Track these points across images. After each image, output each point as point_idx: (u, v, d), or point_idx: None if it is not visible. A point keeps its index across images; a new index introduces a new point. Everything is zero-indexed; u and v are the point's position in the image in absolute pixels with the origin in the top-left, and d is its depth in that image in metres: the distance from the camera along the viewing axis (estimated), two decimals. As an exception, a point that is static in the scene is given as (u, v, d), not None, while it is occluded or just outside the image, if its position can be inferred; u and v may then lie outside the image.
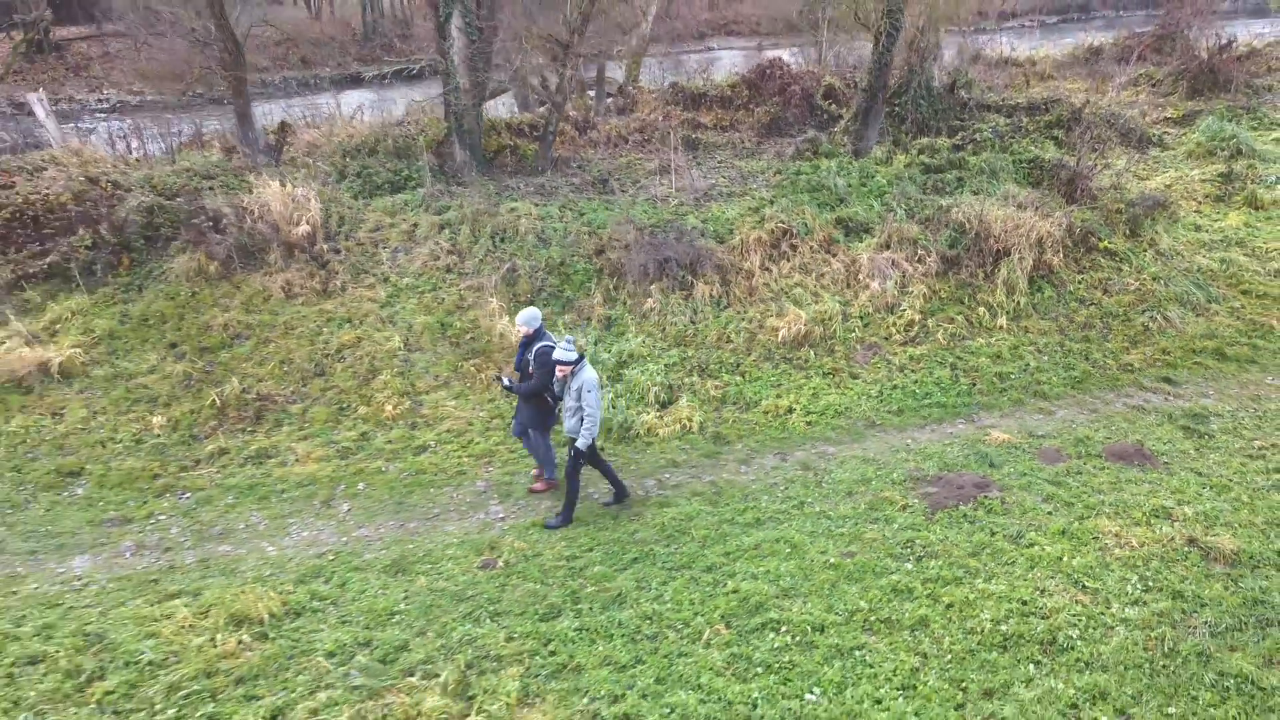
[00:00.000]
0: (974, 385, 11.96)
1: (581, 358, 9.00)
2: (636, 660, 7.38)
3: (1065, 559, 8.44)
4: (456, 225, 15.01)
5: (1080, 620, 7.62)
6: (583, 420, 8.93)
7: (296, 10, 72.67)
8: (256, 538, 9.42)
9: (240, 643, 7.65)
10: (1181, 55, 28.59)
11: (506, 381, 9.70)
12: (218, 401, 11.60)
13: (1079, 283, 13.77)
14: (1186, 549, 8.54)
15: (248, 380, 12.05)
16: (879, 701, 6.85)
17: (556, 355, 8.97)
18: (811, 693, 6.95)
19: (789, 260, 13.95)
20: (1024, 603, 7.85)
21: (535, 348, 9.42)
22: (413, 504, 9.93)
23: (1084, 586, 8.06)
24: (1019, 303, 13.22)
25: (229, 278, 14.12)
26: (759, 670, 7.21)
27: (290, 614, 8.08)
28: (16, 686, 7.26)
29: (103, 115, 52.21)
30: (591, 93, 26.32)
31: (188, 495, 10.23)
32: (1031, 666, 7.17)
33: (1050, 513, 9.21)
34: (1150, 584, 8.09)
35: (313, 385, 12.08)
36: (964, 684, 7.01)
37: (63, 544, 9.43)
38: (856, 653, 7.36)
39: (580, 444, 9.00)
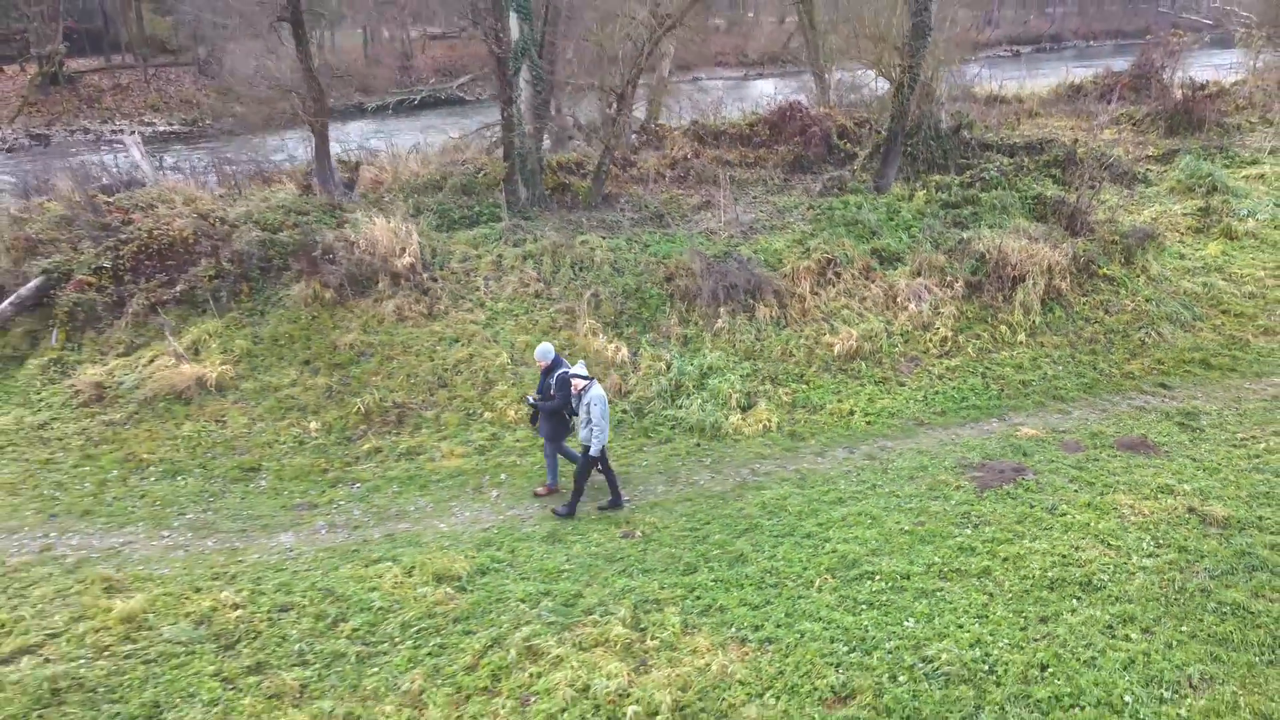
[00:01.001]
0: (1002, 391, 14.16)
1: (591, 379, 11.06)
2: (766, 601, 9.41)
3: (1092, 524, 10.56)
4: (539, 256, 17.06)
5: (1109, 568, 9.73)
6: (592, 431, 10.91)
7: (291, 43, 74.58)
8: (427, 517, 11.40)
9: (446, 594, 9.63)
10: (1157, 95, 31.28)
11: (532, 400, 11.77)
12: (361, 409, 13.58)
13: (1084, 304, 16.02)
14: (1187, 515, 10.68)
15: (381, 391, 14.02)
16: (960, 626, 8.90)
17: (573, 372, 11.09)
18: (908, 621, 9.00)
19: (834, 286, 16.12)
20: (1064, 556, 9.95)
21: (556, 374, 11.49)
22: (550, 490, 11.95)
23: (1109, 544, 10.18)
24: (1034, 321, 15.45)
25: (342, 303, 16.07)
26: (864, 607, 9.25)
27: (478, 573, 10.05)
28: (279, 627, 9.20)
29: (120, 145, 54.09)
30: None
31: (358, 485, 12.20)
32: (1074, 600, 9.26)
33: (1076, 490, 11.35)
34: (1160, 541, 10.21)
35: (439, 395, 14.08)
36: (1024, 613, 9.08)
37: (266, 524, 11.36)
38: (937, 593, 9.42)
39: (593, 451, 10.96)
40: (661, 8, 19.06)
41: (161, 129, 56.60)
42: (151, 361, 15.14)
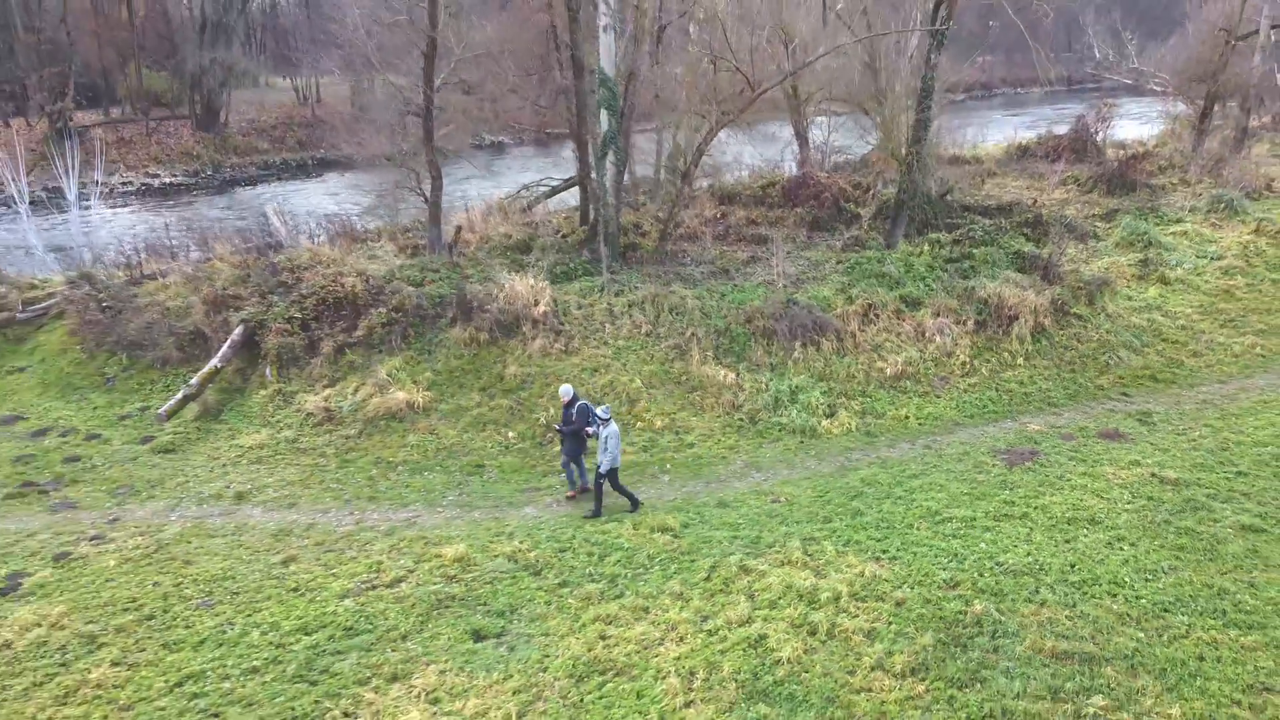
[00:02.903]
0: (1011, 400, 19.21)
1: (609, 419, 15.26)
2: (885, 537, 14.10)
3: (1089, 486, 15.52)
4: (641, 304, 21.71)
5: (1104, 511, 14.66)
6: (608, 454, 15.12)
7: (283, 95, 78.47)
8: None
9: (669, 539, 14.16)
10: (1094, 157, 37.18)
11: (558, 426, 16.20)
12: (544, 421, 18.05)
13: (1062, 335, 21.22)
14: (1151, 479, 15.70)
15: (552, 409, 18.48)
16: (1016, 546, 13.70)
17: (598, 412, 15.36)
18: (982, 544, 13.78)
19: (875, 324, 21.07)
20: (1074, 505, 14.86)
21: (576, 406, 15.81)
22: (705, 475, 16.57)
23: (1102, 497, 15.13)
24: (1028, 349, 20.57)
25: (494, 343, 20.51)
26: (951, 537, 14.01)
27: (684, 526, 14.60)
28: (565, 561, 13.62)
29: (134, 195, 57.89)
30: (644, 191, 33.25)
31: (564, 474, 16.66)
32: (1085, 530, 14.14)
33: (1074, 465, 16.32)
34: (1135, 494, 15.20)
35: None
36: (1054, 538, 13.93)
37: (510, 502, 15.78)
38: (996, 528, 14.22)
39: (602, 470, 15.19)
40: (724, 105, 24.07)
41: (166, 180, 60.24)
42: (356, 390, 19.42)
